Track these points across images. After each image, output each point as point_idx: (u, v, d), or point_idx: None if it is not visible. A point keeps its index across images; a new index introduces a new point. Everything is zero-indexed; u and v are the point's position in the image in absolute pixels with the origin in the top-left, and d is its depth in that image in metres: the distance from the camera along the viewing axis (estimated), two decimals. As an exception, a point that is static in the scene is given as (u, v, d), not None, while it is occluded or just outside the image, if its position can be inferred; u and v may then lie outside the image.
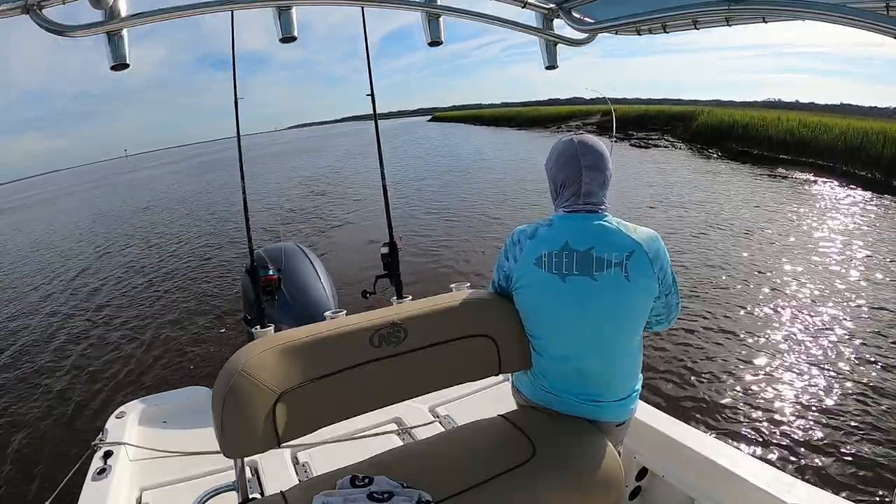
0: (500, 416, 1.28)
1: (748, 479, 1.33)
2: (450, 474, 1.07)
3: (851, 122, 14.10)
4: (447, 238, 8.46)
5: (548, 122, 30.84)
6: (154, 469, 1.78)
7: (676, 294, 1.28)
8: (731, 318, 4.84)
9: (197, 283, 7.59)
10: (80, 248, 11.67)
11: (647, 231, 1.22)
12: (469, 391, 2.11)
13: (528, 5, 1.52)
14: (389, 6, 1.45)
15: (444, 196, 12.45)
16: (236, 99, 2.86)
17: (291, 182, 18.19)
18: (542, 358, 1.25)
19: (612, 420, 1.25)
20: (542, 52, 1.68)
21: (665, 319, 1.31)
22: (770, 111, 18.86)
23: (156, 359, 5.11)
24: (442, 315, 1.22)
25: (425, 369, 1.19)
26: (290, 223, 10.87)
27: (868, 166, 11.98)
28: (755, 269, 6.13)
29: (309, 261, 3.76)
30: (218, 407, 1.00)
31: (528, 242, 1.23)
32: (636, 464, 1.66)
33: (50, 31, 1.03)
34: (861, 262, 6.23)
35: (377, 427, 1.95)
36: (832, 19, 0.94)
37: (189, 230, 11.84)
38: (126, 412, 2.04)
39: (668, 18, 1.33)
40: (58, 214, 20.54)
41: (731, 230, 7.79)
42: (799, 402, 3.56)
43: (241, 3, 1.30)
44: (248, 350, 1.07)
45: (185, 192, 20.78)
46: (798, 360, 4.10)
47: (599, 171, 1.22)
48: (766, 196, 10.18)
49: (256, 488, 1.66)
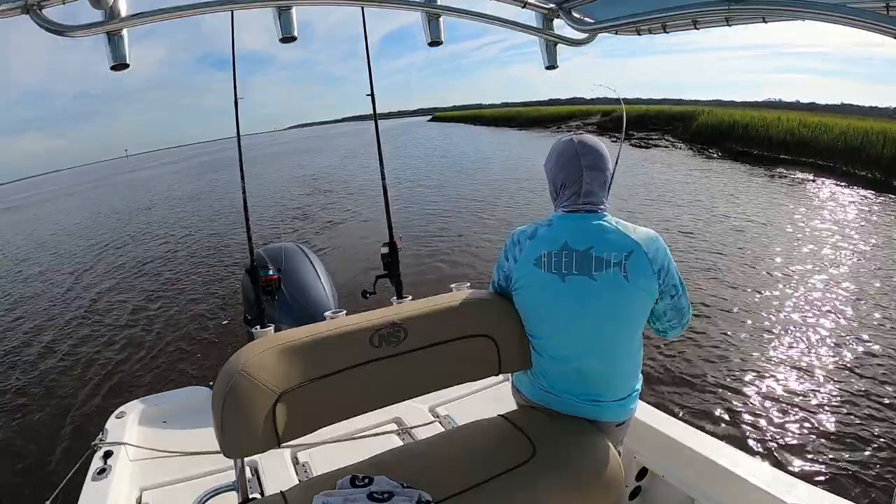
0: (500, 416, 1.28)
1: (748, 479, 1.33)
2: (450, 474, 1.07)
3: (851, 123, 14.10)
4: (447, 238, 8.46)
5: (548, 123, 30.85)
6: (154, 469, 1.78)
7: (684, 296, 1.26)
8: (727, 318, 4.84)
9: (197, 283, 7.59)
10: (79, 248, 11.67)
11: (646, 231, 1.21)
12: (469, 391, 2.11)
13: (528, 5, 1.52)
14: (389, 6, 1.45)
15: (443, 196, 12.45)
16: (236, 99, 2.86)
17: (291, 182, 18.20)
18: (542, 358, 1.25)
19: (612, 420, 1.25)
20: (542, 52, 1.68)
21: (678, 324, 1.28)
22: (770, 111, 18.86)
23: (155, 358, 5.11)
24: (442, 315, 1.22)
25: (425, 369, 1.19)
26: (290, 223, 10.88)
27: (868, 166, 11.99)
28: (751, 268, 6.13)
29: (309, 261, 3.75)
30: (218, 407, 1.00)
31: (527, 243, 1.23)
32: (636, 464, 1.66)
33: (50, 31, 1.03)
34: (858, 260, 6.23)
35: (377, 427, 1.95)
36: (832, 19, 0.94)
37: (189, 230, 11.84)
38: (126, 412, 2.04)
39: (668, 18, 1.33)
40: (57, 214, 20.53)
41: (729, 229, 7.79)
42: (798, 401, 3.56)
43: (241, 3, 1.30)
44: (248, 350, 1.07)
45: (185, 191, 20.77)
46: (798, 359, 4.09)
47: (600, 171, 1.22)
48: (764, 195, 10.20)
49: (256, 488, 1.66)
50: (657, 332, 1.32)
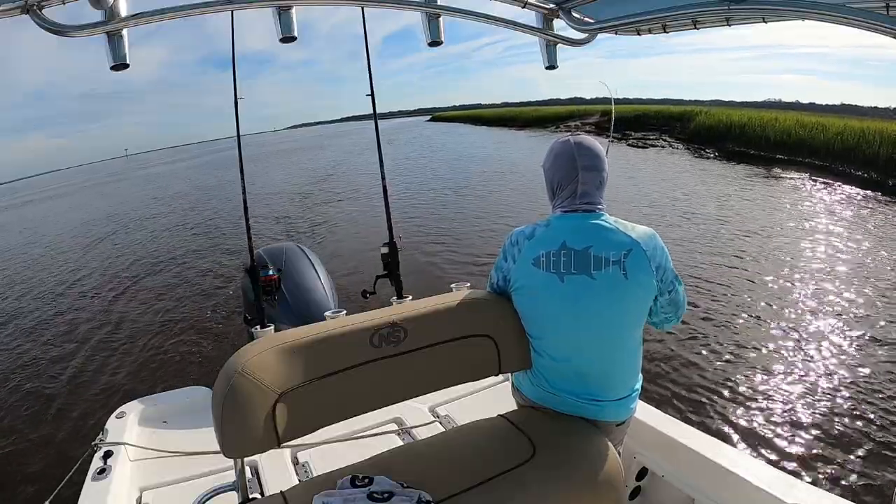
0: (500, 416, 1.28)
1: (748, 479, 1.33)
2: (450, 474, 1.07)
3: (848, 123, 14.11)
4: (447, 238, 8.45)
5: (548, 122, 30.83)
6: (154, 469, 1.78)
7: (680, 290, 1.28)
8: (726, 317, 4.84)
9: (197, 282, 7.58)
10: (78, 248, 11.64)
11: (644, 229, 1.22)
12: (469, 391, 2.11)
13: (528, 5, 1.52)
14: (389, 6, 1.45)
15: (444, 195, 12.44)
16: (236, 99, 2.85)
17: (291, 182, 18.17)
18: (542, 357, 1.25)
19: (612, 419, 1.25)
20: (542, 52, 1.68)
21: (674, 316, 1.31)
22: (770, 111, 18.87)
23: (155, 358, 5.10)
24: (442, 315, 1.22)
25: (425, 369, 1.19)
26: (290, 222, 10.87)
27: (865, 166, 12.00)
28: (748, 266, 6.14)
29: (309, 261, 3.75)
30: (218, 407, 1.00)
31: (526, 243, 1.24)
32: (636, 464, 1.66)
33: (50, 31, 1.03)
34: (854, 258, 6.24)
35: (377, 427, 1.95)
36: (832, 19, 0.94)
37: (189, 229, 11.82)
38: (126, 412, 2.04)
39: (668, 18, 1.34)
40: (56, 215, 20.50)
41: (726, 227, 7.80)
42: (799, 400, 3.57)
43: (242, 3, 1.30)
44: (248, 350, 1.07)
45: (185, 191, 20.75)
46: (797, 357, 4.10)
47: (596, 172, 1.23)
48: (761, 195, 10.21)
49: (256, 488, 1.66)
50: (652, 325, 1.33)
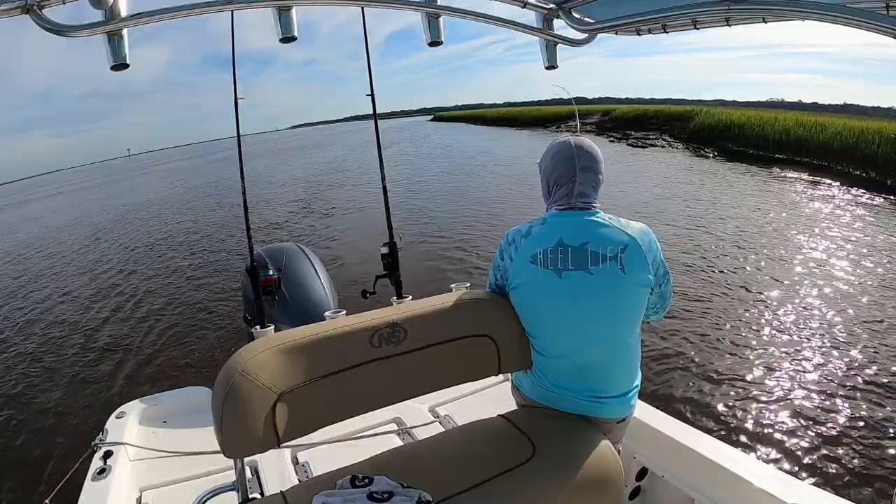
0: (500, 416, 1.28)
1: (748, 479, 1.34)
2: (450, 474, 1.07)
3: (848, 122, 14.11)
4: (447, 238, 8.45)
5: (549, 122, 30.81)
6: (154, 469, 1.78)
7: (669, 284, 1.32)
8: (723, 316, 4.84)
9: (197, 282, 7.58)
10: (77, 247, 11.66)
11: (639, 225, 1.24)
12: (469, 391, 2.11)
13: (528, 5, 1.52)
14: (389, 6, 1.45)
15: (444, 195, 12.44)
16: (236, 99, 2.86)
17: (291, 182, 18.17)
18: (542, 356, 1.26)
19: (612, 416, 1.25)
20: (542, 52, 1.68)
21: (661, 308, 1.35)
22: (771, 111, 18.87)
23: (155, 358, 5.10)
24: (442, 315, 1.22)
25: (425, 369, 1.19)
26: (290, 222, 10.87)
27: (863, 165, 12.00)
28: (744, 265, 6.14)
29: (309, 261, 3.75)
30: (218, 407, 1.00)
31: (522, 241, 1.24)
32: (636, 464, 1.66)
33: (50, 31, 1.03)
34: (852, 257, 6.24)
35: (377, 427, 1.95)
36: (832, 19, 0.94)
37: (189, 229, 11.82)
38: (126, 412, 2.04)
39: (668, 18, 1.34)
40: (57, 215, 20.51)
41: (725, 227, 7.80)
42: (798, 400, 3.56)
43: (242, 3, 1.30)
44: (248, 350, 1.07)
45: (185, 191, 20.76)
46: (797, 356, 4.10)
47: (593, 173, 1.24)
48: (758, 194, 10.22)
49: (256, 488, 1.66)
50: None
